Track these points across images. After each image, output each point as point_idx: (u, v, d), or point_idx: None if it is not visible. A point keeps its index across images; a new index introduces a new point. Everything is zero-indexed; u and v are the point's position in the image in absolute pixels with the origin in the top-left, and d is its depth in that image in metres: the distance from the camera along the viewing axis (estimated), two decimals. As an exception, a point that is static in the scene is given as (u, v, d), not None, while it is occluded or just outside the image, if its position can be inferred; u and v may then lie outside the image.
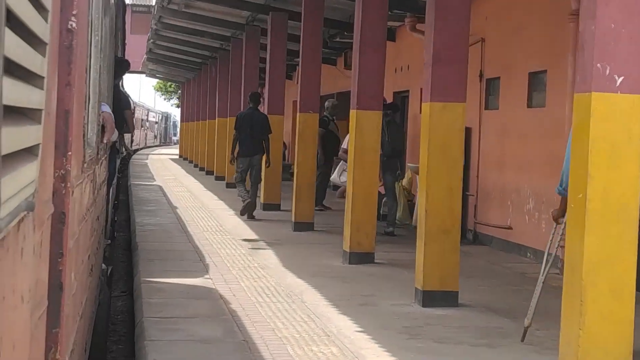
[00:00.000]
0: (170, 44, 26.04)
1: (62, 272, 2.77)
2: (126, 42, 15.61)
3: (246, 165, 14.10)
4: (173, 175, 26.69)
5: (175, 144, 79.30)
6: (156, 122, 70.49)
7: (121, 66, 9.53)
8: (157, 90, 56.98)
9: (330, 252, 10.25)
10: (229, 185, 20.94)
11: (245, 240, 11.45)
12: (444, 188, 7.26)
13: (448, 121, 7.29)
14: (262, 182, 15.40)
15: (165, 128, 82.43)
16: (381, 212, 12.16)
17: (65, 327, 2.85)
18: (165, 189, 20.41)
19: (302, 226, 12.46)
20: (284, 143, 26.78)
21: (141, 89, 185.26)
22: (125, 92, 12.90)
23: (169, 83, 53.98)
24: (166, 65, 33.21)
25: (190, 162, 34.44)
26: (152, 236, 11.53)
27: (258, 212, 14.96)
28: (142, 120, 55.05)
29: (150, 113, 63.35)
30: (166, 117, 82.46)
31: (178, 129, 68.07)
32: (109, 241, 9.67)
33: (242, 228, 12.95)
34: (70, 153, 2.82)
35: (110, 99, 7.18)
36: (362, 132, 9.44)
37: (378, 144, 9.52)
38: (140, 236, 11.47)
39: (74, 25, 2.84)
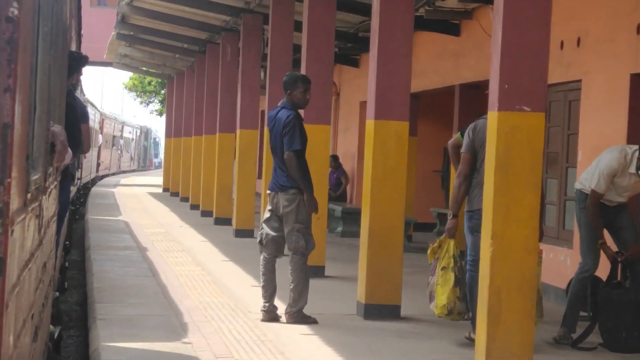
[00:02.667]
0: (157, 6, 20.44)
1: None
2: (82, 33, 15.36)
3: (272, 213, 9.92)
4: (159, 224, 20.94)
5: (157, 168, 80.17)
6: (133, 140, 69.22)
7: (76, 64, 9.17)
8: (130, 90, 50.65)
9: None
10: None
11: None
12: None
13: None
14: (366, 258, 9.89)
15: (145, 147, 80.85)
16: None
17: (1, 412, 2.80)
18: (151, 257, 14.63)
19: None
20: (345, 174, 21.25)
21: (104, 88, 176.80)
22: (81, 100, 10.88)
23: (148, 79, 47.80)
24: (147, 47, 27.54)
25: (184, 199, 28.72)
26: None
27: (353, 324, 9.79)
28: (115, 137, 53.31)
29: (125, 127, 61.57)
30: (146, 132, 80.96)
31: (161, 148, 68.11)
32: (57, 294, 9.29)
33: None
34: (9, 180, 2.89)
35: (63, 109, 7.17)
36: None
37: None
38: None
39: (16, 12, 2.92)
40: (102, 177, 48.86)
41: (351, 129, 22.25)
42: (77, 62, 9.30)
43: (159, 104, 49.34)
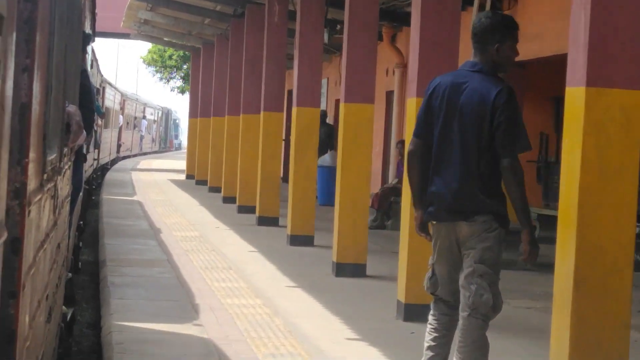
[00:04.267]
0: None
1: (15, 316, 2.79)
2: (96, 12, 14.01)
3: (445, 251, 6.03)
4: (190, 224, 17.05)
5: (176, 149, 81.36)
6: (155, 121, 69.15)
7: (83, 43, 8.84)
8: (149, 65, 45.97)
9: None
10: (340, 271, 11.51)
11: None
12: None
13: None
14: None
15: (166, 129, 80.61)
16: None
17: (16, 392, 2.87)
18: (190, 280, 10.70)
19: None
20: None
21: (119, 63, 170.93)
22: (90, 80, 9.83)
23: (169, 52, 43.14)
24: (172, 10, 23.55)
25: (214, 189, 24.78)
26: None
27: None
28: (136, 118, 53.06)
29: (147, 109, 61.14)
30: (167, 113, 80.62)
31: (180, 130, 71.67)
32: (70, 275, 8.92)
33: None
34: (27, 160, 2.89)
35: (77, 89, 7.19)
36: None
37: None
38: None
39: None
40: (124, 158, 46.77)
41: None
42: (85, 41, 9.01)
43: (181, 80, 44.70)
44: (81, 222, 14.10)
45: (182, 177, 32.05)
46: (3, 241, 2.57)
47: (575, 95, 5.99)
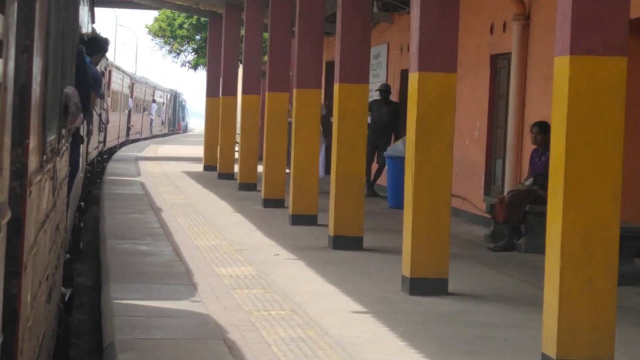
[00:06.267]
0: None
1: (17, 296, 2.77)
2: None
3: None
4: (233, 248, 11.82)
5: (183, 132, 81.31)
6: (164, 104, 68.46)
7: (95, 47, 9.94)
8: (156, 36, 39.15)
9: None
10: None
11: None
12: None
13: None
14: None
15: (175, 111, 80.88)
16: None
17: (19, 369, 2.80)
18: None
19: None
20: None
21: (117, 38, 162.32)
22: (94, 67, 10.03)
23: (179, 20, 36.33)
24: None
25: (246, 186, 19.52)
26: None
27: None
28: (146, 101, 52.81)
29: (156, 92, 61.07)
30: (175, 96, 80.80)
31: (187, 112, 74.64)
32: (68, 256, 9.07)
33: None
34: (27, 141, 2.86)
35: (73, 71, 7.31)
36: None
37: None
38: None
39: None
40: (133, 140, 46.24)
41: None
42: (97, 47, 9.74)
43: (194, 54, 38.14)
44: (82, 203, 13.79)
45: (199, 167, 26.57)
46: (6, 221, 2.47)
47: None
